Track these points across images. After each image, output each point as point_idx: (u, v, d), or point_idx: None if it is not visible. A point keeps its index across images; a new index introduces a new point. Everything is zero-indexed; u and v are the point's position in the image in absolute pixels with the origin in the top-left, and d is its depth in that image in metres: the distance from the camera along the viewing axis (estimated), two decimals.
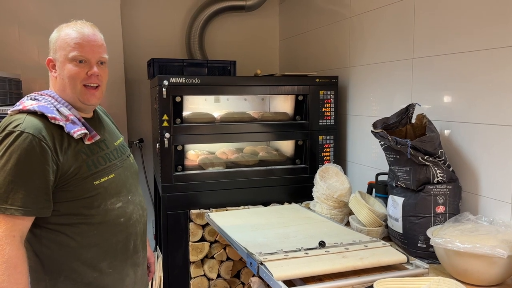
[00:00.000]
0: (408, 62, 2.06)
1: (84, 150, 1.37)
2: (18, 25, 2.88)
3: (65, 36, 1.39)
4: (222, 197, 2.37)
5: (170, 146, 2.27)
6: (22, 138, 1.25)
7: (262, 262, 1.49)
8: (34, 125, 1.28)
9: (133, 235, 1.47)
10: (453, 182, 1.71)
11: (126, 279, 1.46)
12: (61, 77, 1.39)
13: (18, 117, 1.31)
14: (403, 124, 1.89)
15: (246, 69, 3.29)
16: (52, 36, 1.42)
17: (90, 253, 1.37)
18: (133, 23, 3.26)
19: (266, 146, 2.82)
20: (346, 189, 2.16)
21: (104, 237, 1.40)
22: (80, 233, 1.35)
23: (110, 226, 1.40)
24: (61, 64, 1.39)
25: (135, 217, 1.48)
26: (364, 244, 1.67)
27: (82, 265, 1.36)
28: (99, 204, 1.37)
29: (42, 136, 1.27)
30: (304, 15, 3.15)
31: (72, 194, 1.33)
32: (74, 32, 1.39)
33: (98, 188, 1.37)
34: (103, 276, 1.40)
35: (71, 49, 1.37)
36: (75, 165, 1.33)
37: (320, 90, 2.47)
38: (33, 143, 1.25)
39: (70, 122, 1.36)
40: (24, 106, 1.33)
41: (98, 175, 1.38)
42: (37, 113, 1.32)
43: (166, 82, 2.22)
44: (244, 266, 2.36)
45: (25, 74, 2.85)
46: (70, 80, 1.38)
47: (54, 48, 1.40)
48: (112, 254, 1.42)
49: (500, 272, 1.39)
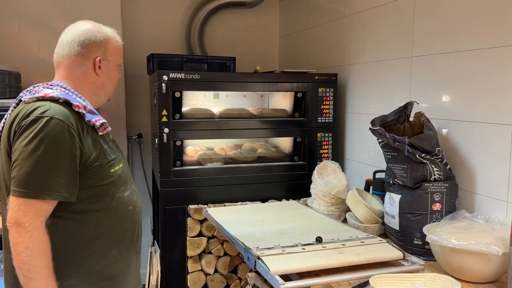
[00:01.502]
0: (407, 60, 2.06)
1: (99, 139, 1.41)
2: (18, 18, 2.87)
3: (116, 43, 1.51)
4: (220, 193, 2.38)
5: (169, 141, 2.28)
6: (52, 124, 1.26)
7: (259, 256, 1.50)
8: (62, 112, 1.30)
9: (137, 222, 1.53)
10: (450, 180, 1.72)
11: (131, 266, 1.51)
12: (103, 79, 1.48)
13: (42, 104, 1.31)
14: (401, 122, 1.90)
15: (245, 66, 3.29)
16: (97, 35, 1.44)
17: (101, 242, 1.40)
18: (133, 18, 3.26)
19: (265, 142, 2.83)
20: (344, 186, 2.17)
21: (115, 225, 1.43)
22: (93, 221, 1.38)
23: (120, 214, 1.45)
24: (112, 68, 1.50)
25: (138, 206, 1.54)
26: (360, 240, 1.68)
27: (94, 254, 1.39)
28: (113, 192, 1.42)
29: (70, 122, 1.30)
30: (304, 12, 3.15)
31: (92, 181, 1.36)
32: (120, 41, 1.53)
33: (113, 176, 1.41)
34: (112, 263, 1.43)
35: (120, 58, 1.53)
36: (95, 152, 1.36)
37: (319, 88, 2.48)
38: (63, 129, 1.27)
39: (88, 111, 1.39)
40: (45, 94, 1.34)
41: (112, 164, 1.42)
42: (58, 100, 1.33)
43: (166, 77, 2.22)
44: (241, 262, 2.37)
45: (24, 67, 2.85)
46: (112, 85, 1.53)
47: (104, 50, 1.46)
48: (121, 242, 1.46)
49: (495, 269, 1.40)
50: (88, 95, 1.45)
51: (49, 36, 2.87)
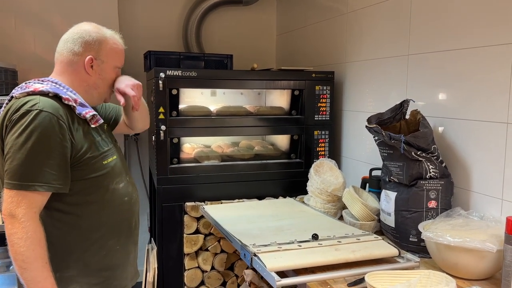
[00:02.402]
0: (403, 58, 2.07)
1: (91, 131, 1.43)
2: (15, 15, 2.86)
3: (114, 44, 1.50)
4: (217, 190, 2.38)
5: (166, 138, 2.28)
6: (42, 117, 1.29)
7: (255, 253, 1.51)
8: (51, 105, 1.33)
9: (135, 213, 1.56)
10: (446, 177, 1.73)
11: (130, 256, 1.55)
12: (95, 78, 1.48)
13: (31, 98, 1.33)
14: (397, 120, 1.91)
15: (243, 63, 3.28)
16: (93, 35, 1.46)
17: (99, 233, 1.43)
18: (130, 15, 3.24)
19: (262, 140, 2.83)
20: (340, 183, 2.18)
21: (112, 216, 1.46)
22: (90, 213, 1.41)
23: (117, 205, 1.47)
24: (107, 69, 1.49)
25: (134, 197, 1.56)
26: (356, 237, 1.69)
27: (92, 245, 1.42)
28: (107, 183, 1.44)
29: (60, 114, 1.32)
30: (301, 10, 3.15)
31: (84, 172, 1.38)
32: (120, 44, 1.53)
33: (107, 167, 1.43)
34: (111, 254, 1.46)
35: (119, 61, 1.53)
36: (87, 144, 1.38)
37: (316, 85, 2.48)
38: (52, 121, 1.29)
39: (79, 104, 1.41)
40: (35, 88, 1.36)
41: (105, 155, 1.44)
42: (48, 94, 1.36)
43: (163, 74, 2.22)
44: (238, 259, 2.38)
45: (21, 64, 2.84)
46: (107, 87, 1.53)
47: (97, 49, 1.46)
48: (118, 233, 1.48)
49: (490, 266, 1.42)
50: (80, 92, 1.46)
51: (46, 33, 2.85)
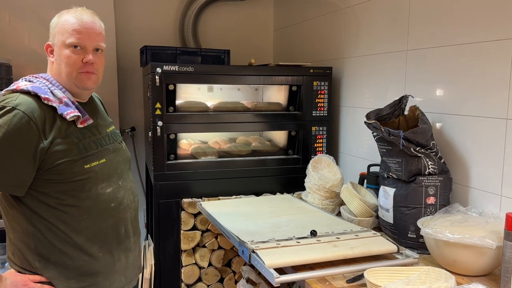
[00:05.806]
0: (402, 54, 2.06)
1: (75, 133, 1.39)
2: (9, 10, 2.82)
3: (64, 22, 1.41)
4: (214, 187, 2.37)
5: (163, 134, 2.26)
6: (12, 114, 1.27)
7: (254, 250, 1.50)
8: (28, 104, 1.30)
9: (124, 220, 1.49)
10: (444, 173, 1.73)
11: (117, 264, 1.47)
12: (58, 62, 1.41)
13: (11, 95, 1.33)
14: (396, 116, 1.90)
15: (240, 59, 3.27)
16: (52, 21, 1.44)
17: (81, 237, 1.39)
18: (126, 9, 3.21)
19: (259, 136, 2.82)
20: (338, 180, 2.17)
21: (95, 221, 1.41)
22: (70, 216, 1.37)
23: (100, 210, 1.42)
24: (59, 49, 1.41)
25: (126, 203, 1.49)
26: (355, 233, 1.68)
27: (73, 248, 1.38)
28: (89, 188, 1.39)
29: (32, 115, 1.29)
30: (298, 5, 3.13)
31: (63, 176, 1.34)
32: (73, 18, 1.41)
33: (89, 172, 1.38)
34: (93, 260, 1.41)
35: (69, 35, 1.39)
36: (64, 147, 1.34)
37: (314, 81, 2.47)
38: (22, 120, 1.27)
39: (64, 104, 1.37)
40: (18, 86, 1.36)
41: (89, 159, 1.39)
42: (30, 93, 1.33)
43: (159, 69, 2.20)
44: (235, 255, 2.37)
45: (15, 59, 2.81)
46: (66, 66, 1.40)
47: (53, 34, 1.43)
48: (103, 239, 1.43)
49: (489, 262, 1.41)
50: (64, 79, 1.42)
51: (40, 28, 2.82)
